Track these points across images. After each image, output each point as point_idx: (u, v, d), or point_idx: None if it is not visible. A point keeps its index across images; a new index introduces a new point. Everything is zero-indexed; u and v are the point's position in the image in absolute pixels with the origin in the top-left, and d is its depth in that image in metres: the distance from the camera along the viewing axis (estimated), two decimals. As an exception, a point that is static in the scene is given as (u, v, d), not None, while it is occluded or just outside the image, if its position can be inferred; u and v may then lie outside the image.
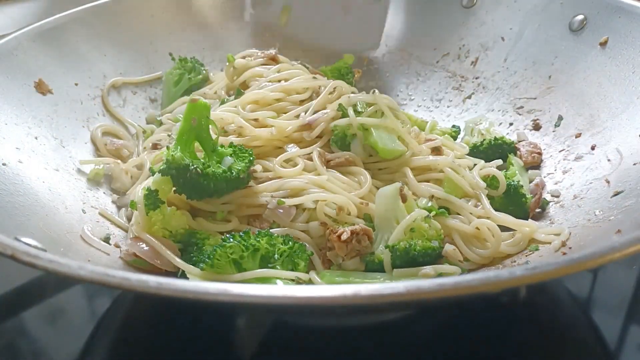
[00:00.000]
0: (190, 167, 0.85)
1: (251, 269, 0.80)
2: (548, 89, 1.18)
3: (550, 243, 0.85)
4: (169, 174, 0.86)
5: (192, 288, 0.52)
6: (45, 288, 0.96)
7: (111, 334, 0.88)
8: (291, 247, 0.83)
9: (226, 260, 0.79)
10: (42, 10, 1.87)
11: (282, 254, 0.82)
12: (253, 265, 0.80)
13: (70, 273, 0.56)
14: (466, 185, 0.98)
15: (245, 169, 0.90)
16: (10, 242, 0.62)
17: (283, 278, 0.80)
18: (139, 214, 0.89)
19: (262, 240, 0.81)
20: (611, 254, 0.55)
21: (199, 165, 0.86)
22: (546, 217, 0.95)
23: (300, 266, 0.83)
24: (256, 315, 0.84)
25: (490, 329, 0.84)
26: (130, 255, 0.86)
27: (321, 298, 0.50)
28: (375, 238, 0.89)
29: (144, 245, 0.86)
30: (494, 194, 0.99)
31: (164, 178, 0.87)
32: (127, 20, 1.31)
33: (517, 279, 0.51)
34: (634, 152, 0.91)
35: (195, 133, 0.88)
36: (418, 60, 1.42)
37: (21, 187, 0.87)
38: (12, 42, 1.07)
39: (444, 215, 0.92)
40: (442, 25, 1.39)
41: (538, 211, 0.99)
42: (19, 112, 1.01)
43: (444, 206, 0.94)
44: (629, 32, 1.04)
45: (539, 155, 1.09)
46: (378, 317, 0.83)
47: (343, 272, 0.87)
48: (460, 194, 0.98)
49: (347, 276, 0.86)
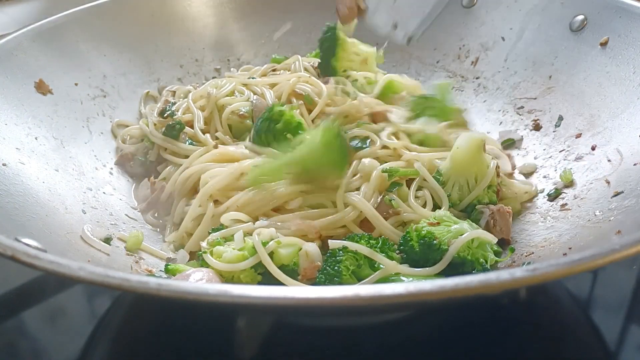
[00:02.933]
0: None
1: (367, 275, 0.80)
2: (548, 89, 1.18)
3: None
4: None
5: (192, 289, 0.52)
6: (45, 288, 0.96)
7: (111, 334, 0.87)
8: (377, 242, 0.83)
9: (348, 274, 0.79)
10: (42, 10, 1.87)
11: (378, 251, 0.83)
12: (369, 271, 0.81)
13: (70, 274, 0.56)
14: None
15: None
16: (10, 242, 0.62)
17: (406, 274, 0.81)
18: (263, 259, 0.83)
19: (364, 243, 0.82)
20: (611, 256, 0.55)
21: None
22: (546, 217, 0.95)
23: (395, 258, 0.83)
24: (257, 315, 0.84)
25: (491, 329, 0.84)
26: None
27: (321, 299, 0.50)
28: (447, 179, 0.95)
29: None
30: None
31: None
32: (127, 20, 1.31)
33: (518, 281, 0.51)
34: (634, 153, 0.91)
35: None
36: (418, 60, 1.42)
37: (21, 188, 0.86)
38: (12, 42, 1.08)
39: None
40: (442, 25, 1.39)
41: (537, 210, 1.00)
42: (19, 112, 1.01)
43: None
44: (629, 32, 1.04)
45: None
46: (378, 317, 0.83)
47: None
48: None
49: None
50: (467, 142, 0.94)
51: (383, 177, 0.96)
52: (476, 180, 0.95)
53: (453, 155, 0.96)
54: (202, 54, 1.40)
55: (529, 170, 1.09)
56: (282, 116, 1.04)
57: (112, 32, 1.27)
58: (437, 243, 0.82)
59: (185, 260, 0.92)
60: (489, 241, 0.85)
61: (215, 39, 1.43)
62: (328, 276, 0.79)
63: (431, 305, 0.76)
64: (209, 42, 1.42)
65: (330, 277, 0.79)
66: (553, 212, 0.96)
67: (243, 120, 1.14)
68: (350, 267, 0.80)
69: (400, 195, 0.96)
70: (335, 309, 0.57)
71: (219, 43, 1.43)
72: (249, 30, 1.46)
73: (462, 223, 0.86)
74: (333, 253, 0.81)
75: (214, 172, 1.00)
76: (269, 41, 1.45)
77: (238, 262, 0.82)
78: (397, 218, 0.93)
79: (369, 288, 0.50)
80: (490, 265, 0.84)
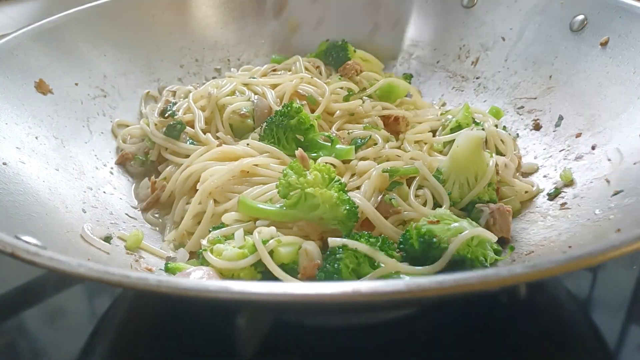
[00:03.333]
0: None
1: (367, 273, 0.80)
2: (548, 89, 1.18)
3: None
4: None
5: (192, 286, 0.52)
6: (45, 288, 0.96)
7: (111, 334, 0.87)
8: (377, 241, 0.83)
9: (348, 272, 0.79)
10: (42, 10, 1.87)
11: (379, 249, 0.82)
12: (368, 269, 0.81)
13: (70, 271, 0.56)
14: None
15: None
16: (10, 240, 0.62)
17: (406, 272, 0.80)
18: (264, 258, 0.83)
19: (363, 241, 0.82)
20: (610, 252, 0.55)
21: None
22: (546, 216, 0.95)
23: (394, 257, 0.83)
24: (258, 313, 0.84)
25: (490, 329, 0.84)
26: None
27: (321, 295, 0.50)
28: (447, 177, 0.95)
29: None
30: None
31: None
32: (127, 20, 1.31)
33: (517, 277, 0.51)
34: (634, 152, 0.91)
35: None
36: (418, 60, 1.42)
37: (21, 187, 0.86)
38: (12, 42, 1.08)
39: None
40: (442, 25, 1.39)
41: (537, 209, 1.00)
42: (19, 112, 1.01)
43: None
44: (629, 32, 1.04)
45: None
46: (378, 316, 0.83)
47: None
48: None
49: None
50: (467, 140, 0.95)
51: (384, 176, 0.96)
52: (476, 178, 0.96)
53: (453, 154, 0.96)
54: (202, 54, 1.40)
55: (529, 170, 1.09)
56: (299, 114, 1.05)
57: (112, 32, 1.28)
58: (437, 241, 0.82)
59: (185, 259, 0.92)
60: (489, 239, 0.85)
61: (215, 39, 1.43)
62: (328, 274, 0.79)
63: (431, 301, 0.76)
64: (209, 42, 1.42)
65: (330, 274, 0.79)
66: (553, 211, 0.95)
67: (244, 120, 1.14)
68: (350, 265, 0.79)
69: (401, 194, 0.96)
70: (335, 305, 0.57)
71: (219, 43, 1.43)
72: (249, 30, 1.46)
73: (462, 221, 0.86)
74: (333, 251, 0.81)
75: (213, 169, 1.00)
76: (269, 41, 1.45)
77: (238, 260, 0.82)
78: (398, 217, 0.93)
79: (368, 284, 0.50)
80: (490, 264, 0.84)
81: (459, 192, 0.96)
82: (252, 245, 0.83)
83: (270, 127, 1.06)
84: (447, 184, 0.96)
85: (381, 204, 0.94)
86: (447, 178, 0.97)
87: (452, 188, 0.96)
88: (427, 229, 0.84)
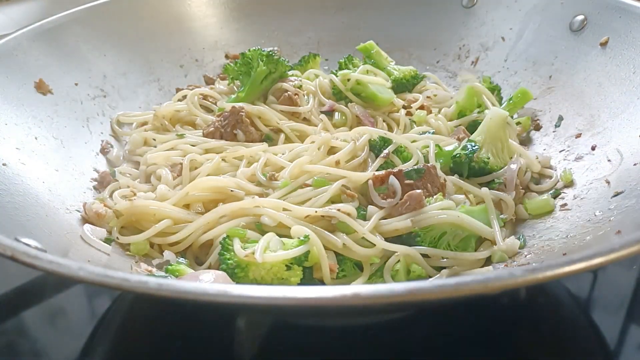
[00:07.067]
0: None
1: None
2: (548, 89, 1.18)
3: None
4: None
5: (191, 289, 0.52)
6: (45, 288, 0.96)
7: (111, 334, 0.87)
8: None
9: (350, 265, 0.86)
10: (42, 10, 1.87)
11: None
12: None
13: (70, 274, 0.56)
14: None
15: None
16: (10, 242, 0.62)
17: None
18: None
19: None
20: (611, 255, 0.55)
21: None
22: (546, 218, 0.95)
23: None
24: (257, 316, 0.84)
25: (491, 330, 0.84)
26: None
27: (320, 299, 0.50)
28: (482, 145, 1.02)
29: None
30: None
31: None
32: (127, 20, 1.31)
33: (517, 280, 0.51)
34: (634, 153, 0.91)
35: None
36: (418, 60, 1.42)
37: (21, 188, 0.87)
38: (12, 42, 1.08)
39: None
40: (442, 25, 1.39)
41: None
42: (19, 112, 1.01)
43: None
44: (629, 32, 1.04)
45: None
46: (379, 317, 0.83)
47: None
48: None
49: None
50: (497, 115, 1.04)
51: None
52: (502, 149, 1.04)
53: (488, 124, 1.04)
54: (202, 54, 1.40)
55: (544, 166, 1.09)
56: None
57: (112, 32, 1.28)
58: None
59: (175, 260, 0.89)
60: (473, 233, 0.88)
61: (215, 39, 1.43)
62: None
63: (431, 304, 0.76)
64: (209, 42, 1.42)
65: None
66: (553, 212, 0.96)
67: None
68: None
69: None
70: (334, 308, 0.57)
71: (219, 43, 1.43)
72: (249, 30, 1.46)
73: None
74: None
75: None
76: (269, 41, 1.45)
77: (290, 250, 0.80)
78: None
79: (368, 288, 0.50)
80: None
81: (495, 158, 1.03)
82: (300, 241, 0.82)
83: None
84: (481, 151, 1.02)
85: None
86: (482, 145, 1.03)
87: (487, 154, 1.02)
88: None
